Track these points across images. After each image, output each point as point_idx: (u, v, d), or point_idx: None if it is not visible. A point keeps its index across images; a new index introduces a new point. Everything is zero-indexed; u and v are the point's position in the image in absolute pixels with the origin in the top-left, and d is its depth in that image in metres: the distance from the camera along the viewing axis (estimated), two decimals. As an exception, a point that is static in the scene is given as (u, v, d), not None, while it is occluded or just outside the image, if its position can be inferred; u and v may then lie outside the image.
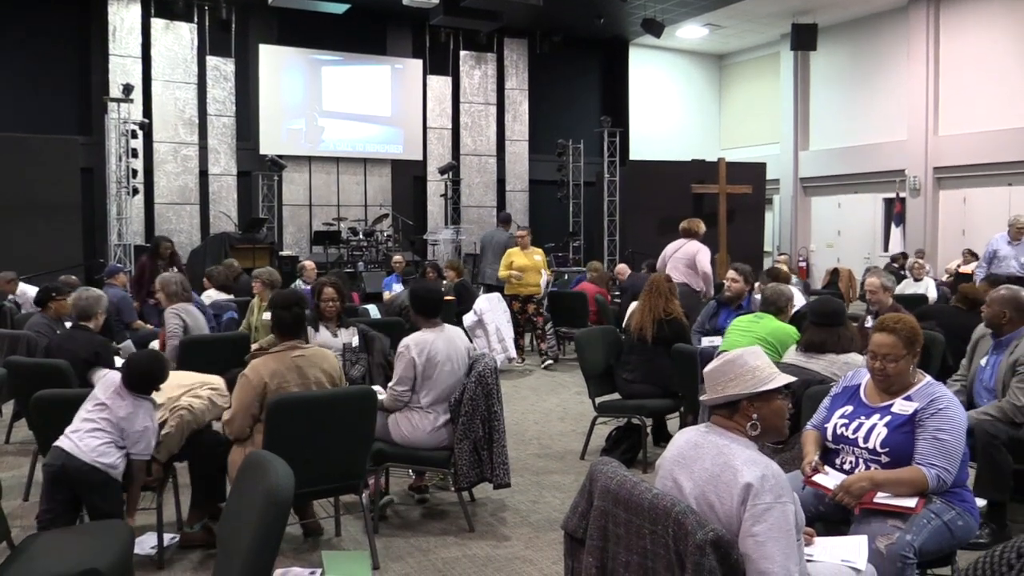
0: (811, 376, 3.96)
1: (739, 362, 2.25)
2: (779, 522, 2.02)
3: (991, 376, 3.96)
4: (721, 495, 2.09)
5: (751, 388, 2.21)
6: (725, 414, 2.25)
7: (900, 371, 2.81)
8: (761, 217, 16.33)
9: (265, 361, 3.66)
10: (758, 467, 2.08)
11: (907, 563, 2.49)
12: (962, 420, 2.73)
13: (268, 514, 1.99)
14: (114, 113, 12.70)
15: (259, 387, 3.56)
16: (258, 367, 3.63)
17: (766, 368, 2.25)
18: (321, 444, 3.50)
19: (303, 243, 15.53)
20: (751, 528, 2.02)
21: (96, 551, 2.57)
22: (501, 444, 4.07)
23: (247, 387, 3.60)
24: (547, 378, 8.25)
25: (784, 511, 2.04)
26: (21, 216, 12.29)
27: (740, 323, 4.99)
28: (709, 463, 2.15)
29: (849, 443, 2.83)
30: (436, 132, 16.84)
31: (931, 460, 2.66)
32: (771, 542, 2.00)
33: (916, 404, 2.76)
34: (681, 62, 19.73)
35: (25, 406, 4.70)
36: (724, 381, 2.24)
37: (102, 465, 3.38)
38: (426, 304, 4.21)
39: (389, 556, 3.69)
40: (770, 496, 2.03)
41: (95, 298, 4.97)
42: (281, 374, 3.60)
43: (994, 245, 8.58)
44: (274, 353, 3.70)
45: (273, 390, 3.56)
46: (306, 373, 3.66)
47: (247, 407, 3.58)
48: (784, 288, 5.10)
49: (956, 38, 14.91)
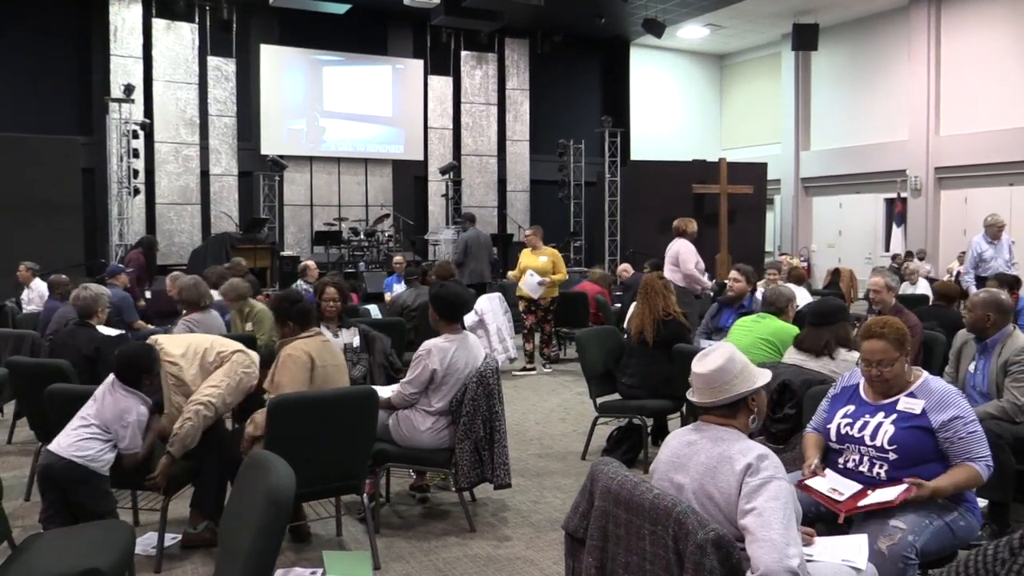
0: (812, 376, 3.96)
1: (735, 360, 2.29)
2: (778, 493, 2.06)
3: (983, 380, 3.95)
4: (720, 485, 2.13)
5: (757, 383, 2.28)
6: (724, 412, 2.28)
7: (896, 373, 2.83)
8: (762, 217, 16.33)
9: (305, 342, 3.77)
10: (755, 451, 2.15)
11: (909, 564, 2.49)
12: (969, 406, 2.80)
13: (269, 514, 1.99)
14: (115, 113, 12.70)
15: (307, 362, 3.67)
16: (299, 345, 3.72)
17: (750, 362, 2.34)
18: (323, 444, 3.49)
19: (304, 243, 15.53)
20: (750, 501, 2.06)
21: (97, 551, 2.57)
22: (502, 444, 4.07)
23: (296, 364, 3.66)
24: (548, 378, 8.25)
25: (781, 485, 2.08)
26: (22, 216, 12.30)
27: (743, 323, 4.99)
28: (704, 457, 2.20)
29: (855, 442, 2.82)
30: (437, 132, 16.85)
31: (975, 454, 2.70)
32: (770, 512, 2.03)
33: (923, 401, 2.77)
34: (682, 62, 19.73)
35: (26, 405, 4.72)
36: (728, 381, 2.26)
37: (79, 459, 3.33)
38: (449, 308, 4.17)
39: (390, 556, 3.69)
40: (767, 472, 2.09)
41: (95, 295, 4.95)
42: (319, 352, 3.74)
43: (977, 248, 8.55)
44: (304, 338, 3.81)
45: (319, 368, 3.68)
46: (337, 357, 3.87)
47: (300, 383, 3.62)
48: (783, 289, 5.10)
49: (957, 38, 14.90)
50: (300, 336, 3.83)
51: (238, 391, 3.74)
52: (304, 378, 3.64)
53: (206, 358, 3.76)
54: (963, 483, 2.69)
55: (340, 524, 4.03)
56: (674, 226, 7.89)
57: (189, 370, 3.70)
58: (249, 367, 3.78)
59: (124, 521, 3.30)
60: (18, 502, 4.43)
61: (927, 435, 2.73)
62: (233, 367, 3.74)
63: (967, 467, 2.69)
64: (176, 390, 3.69)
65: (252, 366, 3.80)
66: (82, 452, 3.36)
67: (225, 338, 4.09)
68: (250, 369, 3.78)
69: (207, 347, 3.80)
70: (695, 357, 2.37)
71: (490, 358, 4.17)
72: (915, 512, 2.60)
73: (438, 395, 4.02)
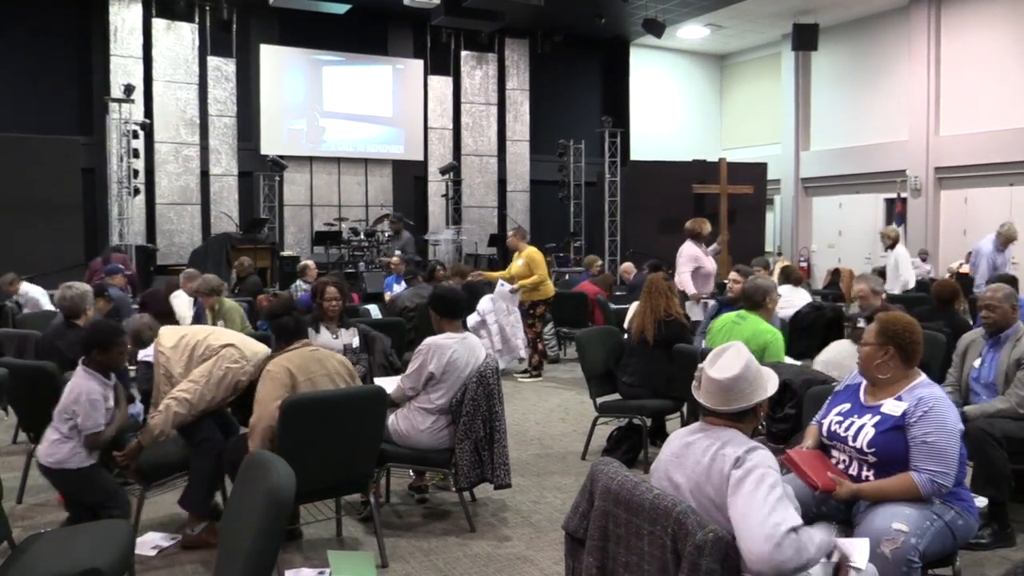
0: (812, 376, 3.97)
1: (751, 366, 2.28)
2: (761, 478, 2.07)
3: (991, 371, 3.95)
4: (715, 482, 2.14)
5: (768, 390, 2.29)
6: (732, 417, 2.28)
7: (870, 358, 2.81)
8: (762, 217, 16.34)
9: (287, 357, 3.59)
10: (745, 445, 2.17)
11: (912, 567, 2.48)
12: (952, 419, 2.68)
13: (269, 514, 1.98)
14: (115, 113, 12.71)
15: (286, 381, 3.48)
16: (280, 362, 3.55)
17: (760, 365, 2.34)
18: (335, 443, 3.50)
19: (304, 243, 15.54)
20: (734, 493, 2.07)
21: (97, 551, 2.56)
22: (502, 444, 4.07)
23: (273, 381, 3.47)
24: (548, 379, 8.25)
25: (766, 472, 2.09)
26: (22, 216, 12.31)
27: (723, 323, 4.91)
28: (701, 455, 2.20)
29: (840, 440, 2.82)
30: (437, 132, 16.84)
31: (921, 464, 2.62)
32: (750, 499, 2.05)
33: (905, 405, 2.72)
34: (682, 62, 19.72)
35: (15, 407, 4.65)
36: (743, 390, 2.26)
37: (53, 465, 3.41)
38: (449, 307, 4.20)
39: (391, 556, 3.69)
40: (751, 462, 2.10)
41: (80, 294, 4.84)
42: (306, 366, 3.57)
43: (990, 257, 8.36)
44: (289, 351, 3.64)
45: (302, 382, 3.50)
46: (326, 364, 3.67)
47: (278, 399, 3.42)
48: (761, 281, 4.95)
49: (957, 38, 14.90)
50: (286, 350, 3.66)
51: (221, 386, 3.66)
52: (281, 394, 3.44)
53: (196, 351, 3.72)
54: (893, 491, 2.63)
55: (340, 524, 4.03)
56: (685, 227, 7.54)
57: (178, 363, 3.69)
58: (237, 361, 3.69)
59: (124, 521, 3.30)
60: (18, 503, 4.42)
61: (905, 439, 2.68)
62: (219, 361, 3.66)
63: (906, 476, 2.63)
64: (165, 380, 3.69)
65: (241, 360, 3.70)
66: (53, 457, 3.43)
67: (227, 331, 4.04)
68: (237, 364, 3.69)
69: (200, 339, 3.76)
70: (707, 358, 2.34)
71: (490, 358, 4.17)
72: (917, 514, 2.59)
73: (438, 392, 4.02)
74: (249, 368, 3.73)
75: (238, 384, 3.73)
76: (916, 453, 2.64)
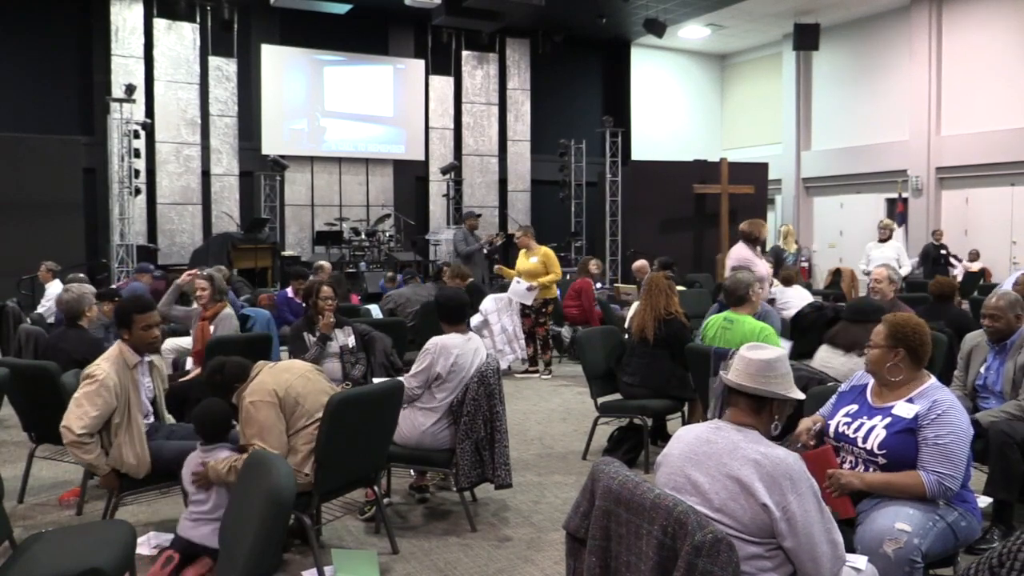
0: (812, 376, 3.96)
1: (784, 362, 2.34)
2: (807, 510, 2.11)
3: (998, 379, 3.94)
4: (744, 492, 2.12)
5: (791, 393, 2.31)
6: (751, 408, 2.29)
7: (878, 358, 2.82)
8: (763, 217, 16.29)
9: (261, 379, 3.42)
10: (768, 443, 2.20)
11: (915, 567, 2.48)
12: (964, 424, 2.69)
13: (269, 514, 1.99)
14: (116, 113, 12.71)
15: (273, 401, 3.33)
16: (259, 386, 3.37)
17: (791, 375, 2.37)
18: (365, 438, 3.54)
19: (305, 243, 15.54)
20: (792, 526, 2.09)
21: (98, 550, 2.56)
22: (503, 444, 4.07)
23: (268, 407, 3.31)
24: (549, 378, 8.24)
25: (808, 497, 2.13)
26: (23, 216, 12.32)
27: (712, 326, 4.88)
28: (727, 458, 2.18)
29: (849, 442, 2.82)
30: (438, 132, 16.85)
31: (931, 466, 2.63)
32: (809, 532, 2.10)
33: (917, 408, 2.72)
34: (683, 62, 19.72)
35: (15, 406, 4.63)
36: (773, 376, 2.29)
37: None
38: (451, 311, 4.20)
39: (392, 556, 3.69)
40: (801, 487, 2.12)
41: (78, 296, 4.81)
42: (287, 380, 3.41)
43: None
44: (263, 371, 3.48)
45: (293, 396, 3.37)
46: (307, 376, 3.54)
47: (277, 420, 3.31)
48: (741, 275, 4.87)
49: (958, 38, 14.89)
50: (263, 369, 3.49)
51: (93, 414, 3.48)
52: (275, 420, 3.30)
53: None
54: (900, 487, 2.64)
55: (341, 524, 4.03)
56: (740, 228, 6.94)
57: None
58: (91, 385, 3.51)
59: (125, 520, 3.30)
60: (19, 503, 4.43)
61: (915, 441, 2.68)
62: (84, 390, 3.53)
63: (914, 473, 2.64)
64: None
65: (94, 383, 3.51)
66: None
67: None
68: (90, 387, 3.50)
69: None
70: (744, 347, 2.40)
71: (491, 358, 4.17)
72: (920, 514, 2.59)
73: (443, 390, 4.03)
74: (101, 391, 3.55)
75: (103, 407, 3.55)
76: (926, 454, 2.64)
